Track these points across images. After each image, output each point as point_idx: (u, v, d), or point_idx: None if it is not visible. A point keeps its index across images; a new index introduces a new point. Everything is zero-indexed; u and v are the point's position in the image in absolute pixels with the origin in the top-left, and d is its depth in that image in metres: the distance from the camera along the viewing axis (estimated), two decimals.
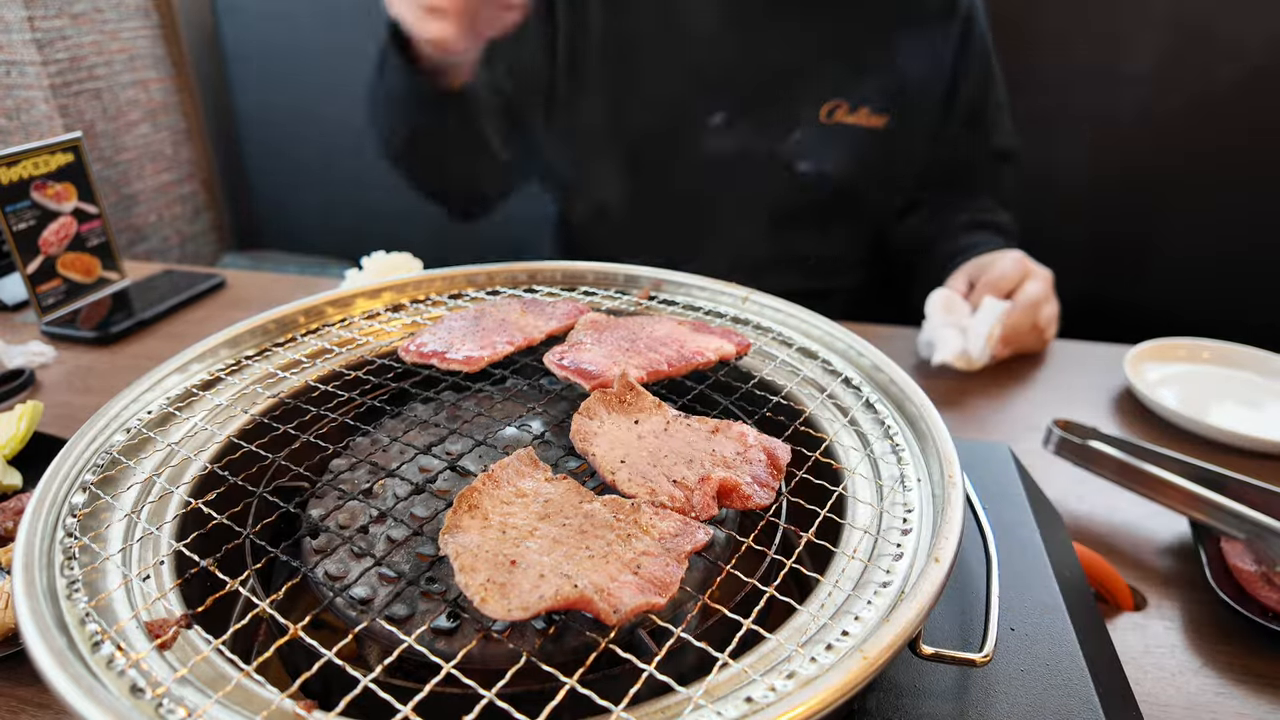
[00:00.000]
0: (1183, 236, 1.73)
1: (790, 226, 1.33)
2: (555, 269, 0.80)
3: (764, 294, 0.74)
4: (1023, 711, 0.44)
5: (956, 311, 1.08)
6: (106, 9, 2.18)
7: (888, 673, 0.46)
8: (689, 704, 0.35)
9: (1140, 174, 1.71)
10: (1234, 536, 0.68)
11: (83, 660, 0.36)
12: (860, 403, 0.59)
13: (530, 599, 0.37)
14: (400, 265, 1.07)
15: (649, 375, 0.58)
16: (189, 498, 0.50)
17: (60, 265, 1.23)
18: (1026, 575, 0.55)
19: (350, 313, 0.74)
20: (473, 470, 0.52)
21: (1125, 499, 0.82)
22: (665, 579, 0.40)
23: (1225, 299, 1.74)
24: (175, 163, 2.48)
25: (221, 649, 0.38)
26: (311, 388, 0.63)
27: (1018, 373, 1.08)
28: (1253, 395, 1.00)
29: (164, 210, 2.46)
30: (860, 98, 1.27)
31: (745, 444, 0.51)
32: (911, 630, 0.37)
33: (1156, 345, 1.08)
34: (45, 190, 1.20)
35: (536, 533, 0.42)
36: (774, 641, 0.39)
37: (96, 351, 1.14)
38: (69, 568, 0.43)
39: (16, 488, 0.76)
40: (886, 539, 0.46)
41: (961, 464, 0.49)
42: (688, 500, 0.46)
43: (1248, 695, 0.59)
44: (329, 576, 0.46)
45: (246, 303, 1.32)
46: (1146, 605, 0.68)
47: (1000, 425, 0.96)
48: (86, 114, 2.16)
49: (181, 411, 0.58)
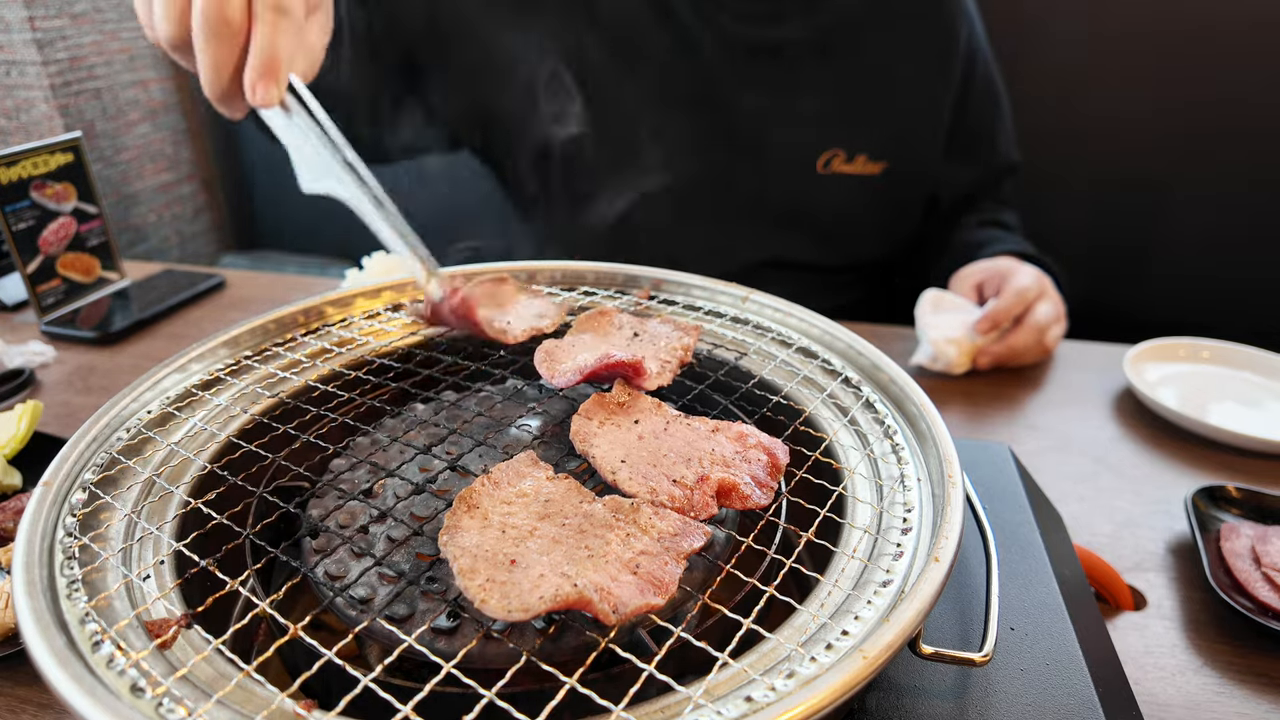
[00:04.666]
0: (1183, 236, 1.73)
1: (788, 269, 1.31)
2: (555, 269, 0.80)
3: (764, 294, 0.74)
4: (1023, 711, 0.45)
5: (944, 310, 1.07)
6: (106, 9, 2.18)
7: (888, 672, 0.46)
8: (689, 704, 0.35)
9: (1140, 174, 1.71)
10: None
11: (83, 660, 0.36)
12: (860, 402, 0.59)
13: (530, 599, 0.37)
14: (400, 265, 1.07)
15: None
16: (189, 498, 0.50)
17: (60, 265, 1.23)
18: (1026, 575, 0.56)
19: (350, 313, 0.74)
20: (473, 470, 0.52)
21: (1125, 499, 0.82)
22: (664, 579, 0.40)
23: (1225, 299, 1.74)
24: (175, 163, 2.48)
25: (221, 649, 0.38)
26: (311, 388, 0.63)
27: (1018, 373, 1.08)
28: (1253, 395, 1.00)
29: (164, 210, 2.46)
30: (857, 146, 1.25)
31: (745, 444, 0.51)
32: (911, 630, 0.37)
33: (1156, 345, 1.08)
34: (45, 190, 1.20)
35: (536, 533, 0.42)
36: (774, 641, 0.39)
37: (96, 351, 1.14)
38: (69, 568, 0.42)
39: (16, 488, 0.76)
40: (886, 538, 0.46)
41: (961, 464, 0.49)
42: (687, 500, 0.46)
43: (1248, 695, 0.59)
44: (329, 576, 0.46)
45: (246, 303, 1.32)
46: (1146, 605, 0.68)
47: (1000, 425, 0.96)
48: (86, 114, 2.16)
49: (181, 411, 0.58)
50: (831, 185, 1.26)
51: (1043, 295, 1.07)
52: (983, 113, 1.31)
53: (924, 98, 1.26)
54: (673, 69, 1.21)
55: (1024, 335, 1.04)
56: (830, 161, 1.25)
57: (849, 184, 1.26)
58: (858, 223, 1.30)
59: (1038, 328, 1.05)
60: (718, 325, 0.72)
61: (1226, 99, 1.60)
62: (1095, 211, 1.76)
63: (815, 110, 1.23)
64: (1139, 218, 1.75)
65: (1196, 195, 1.69)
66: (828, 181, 1.26)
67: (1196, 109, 1.63)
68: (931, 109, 1.27)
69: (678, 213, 1.25)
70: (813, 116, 1.23)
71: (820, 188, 1.26)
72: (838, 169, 1.25)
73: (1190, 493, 0.75)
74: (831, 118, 1.24)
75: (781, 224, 1.29)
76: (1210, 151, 1.65)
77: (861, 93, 1.24)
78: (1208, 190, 1.68)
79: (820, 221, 1.29)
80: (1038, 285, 1.07)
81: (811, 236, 1.30)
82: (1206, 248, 1.72)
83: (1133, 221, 1.75)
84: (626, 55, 1.21)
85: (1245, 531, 0.71)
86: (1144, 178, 1.71)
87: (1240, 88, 1.59)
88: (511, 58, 1.21)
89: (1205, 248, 1.72)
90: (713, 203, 1.27)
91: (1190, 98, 1.62)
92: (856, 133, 1.24)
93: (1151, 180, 1.71)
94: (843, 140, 1.24)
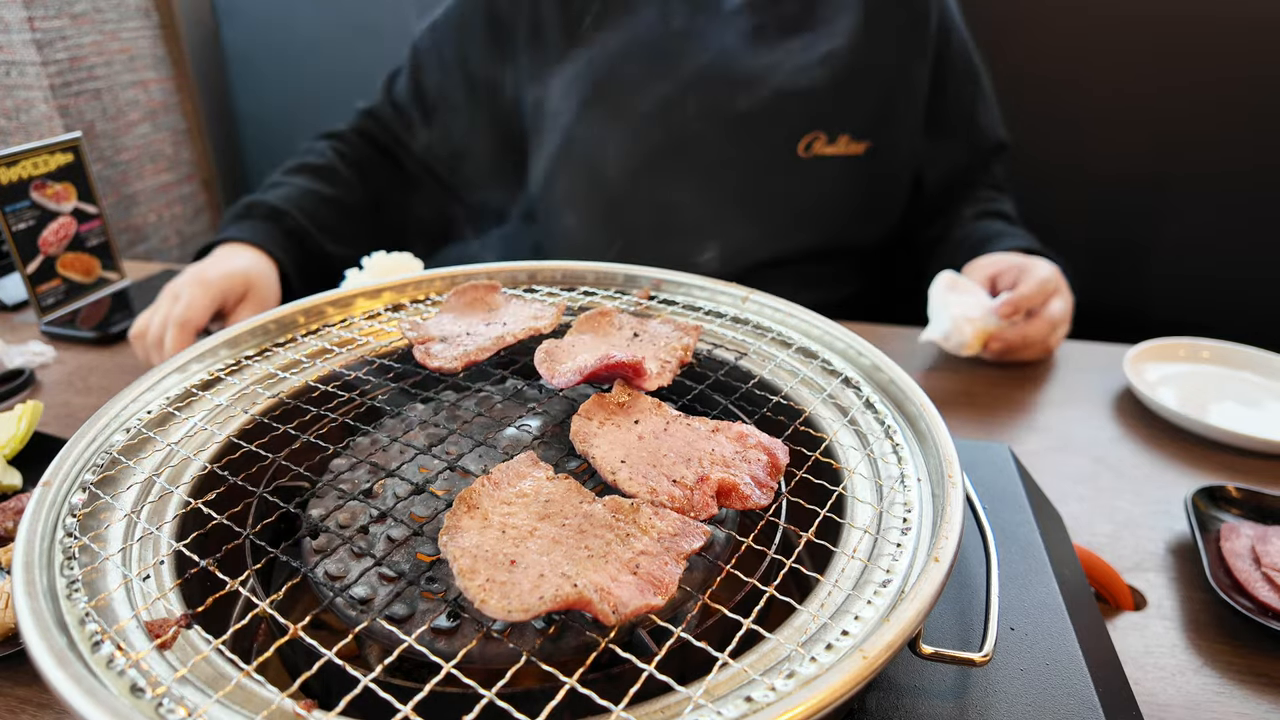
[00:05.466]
0: (1183, 236, 1.73)
1: (781, 264, 1.31)
2: (555, 269, 0.80)
3: (764, 294, 0.74)
4: (1023, 711, 0.45)
5: (960, 292, 1.07)
6: (106, 9, 2.18)
7: (887, 672, 0.46)
8: (689, 704, 0.35)
9: (1140, 174, 1.71)
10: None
11: (83, 660, 0.36)
12: (860, 402, 0.59)
13: (530, 600, 0.37)
14: (400, 265, 1.07)
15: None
16: (189, 498, 0.50)
17: (60, 265, 1.23)
18: (1026, 575, 0.56)
19: (350, 313, 0.74)
20: (473, 470, 0.52)
21: (1125, 499, 0.82)
22: (664, 578, 0.40)
23: (1225, 299, 1.74)
24: (175, 163, 2.48)
25: (221, 649, 0.38)
26: (311, 388, 0.62)
27: (1018, 373, 1.08)
28: (1253, 395, 1.00)
29: (164, 210, 2.46)
30: (839, 126, 1.24)
31: (744, 444, 0.51)
32: (911, 630, 0.37)
33: (1156, 345, 1.08)
34: (45, 190, 1.20)
35: (536, 533, 0.42)
36: (774, 641, 0.39)
37: (96, 351, 1.14)
38: (69, 568, 0.43)
39: (16, 488, 0.76)
40: (886, 538, 0.46)
41: (961, 464, 0.49)
42: (687, 500, 0.46)
43: (1248, 695, 0.59)
44: (329, 576, 0.46)
45: None
46: (1146, 605, 0.68)
47: (1000, 425, 0.96)
48: (86, 114, 2.16)
49: (181, 411, 0.58)
50: (815, 169, 1.25)
51: (1059, 290, 1.08)
52: (961, 90, 1.31)
53: (900, 73, 1.26)
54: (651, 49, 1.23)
55: (1038, 326, 1.05)
56: (811, 145, 1.24)
57: (833, 166, 1.26)
58: (844, 206, 1.30)
59: (1051, 321, 1.05)
60: (718, 325, 0.72)
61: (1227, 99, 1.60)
62: (1095, 210, 1.76)
63: (795, 92, 1.22)
64: (1139, 218, 1.74)
65: (1197, 194, 1.69)
66: (810, 165, 1.25)
67: (1197, 109, 1.63)
68: (908, 85, 1.27)
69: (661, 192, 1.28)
70: (792, 98, 1.23)
71: (803, 172, 1.26)
72: (820, 151, 1.25)
73: (1190, 493, 0.75)
74: (811, 99, 1.23)
75: (766, 211, 1.29)
76: (1211, 152, 1.65)
77: (838, 72, 1.23)
78: (1208, 189, 1.67)
79: (806, 207, 1.29)
80: (1056, 279, 1.08)
81: (797, 223, 1.29)
82: (1206, 247, 1.72)
83: (1132, 221, 1.75)
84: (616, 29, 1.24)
85: (1245, 531, 0.71)
86: (1144, 178, 1.71)
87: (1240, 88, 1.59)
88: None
89: (1205, 247, 1.72)
90: (695, 189, 1.28)
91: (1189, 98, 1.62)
92: (836, 113, 1.24)
93: (1151, 180, 1.71)
94: (823, 121, 1.24)
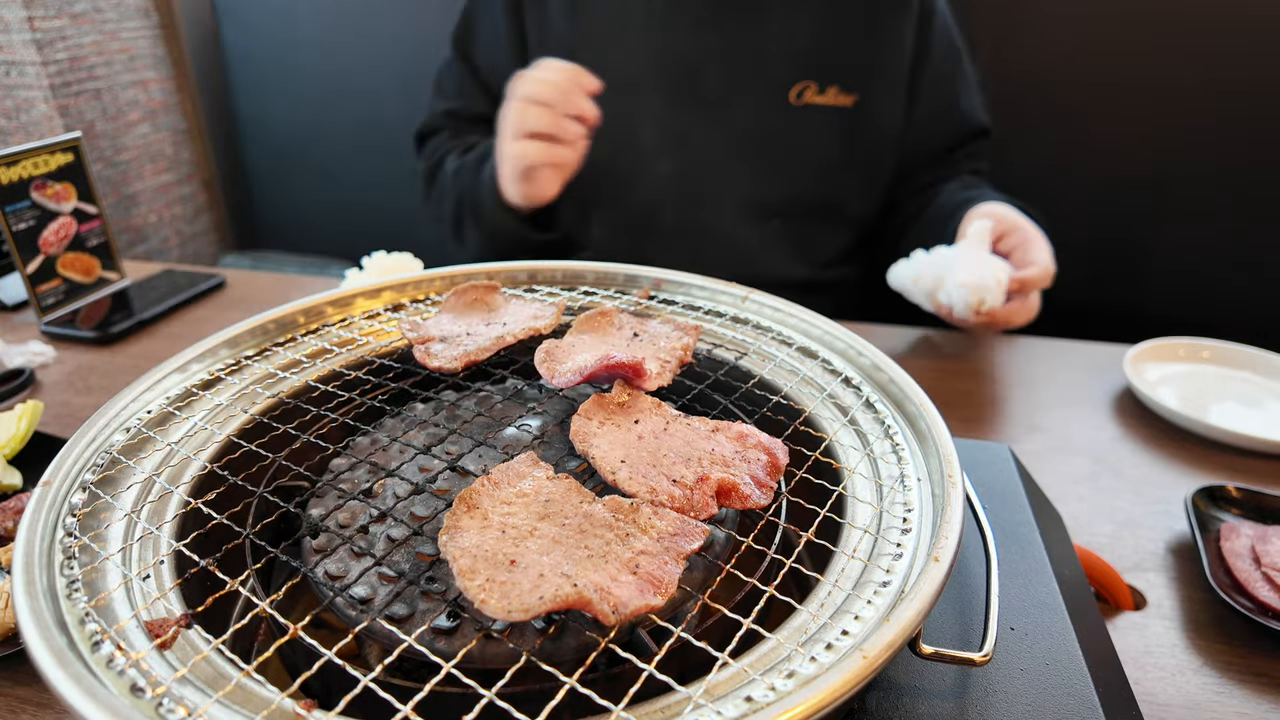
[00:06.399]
0: (1183, 236, 1.73)
1: (773, 218, 1.32)
2: (555, 269, 0.80)
3: (763, 293, 0.74)
4: (1023, 711, 0.44)
5: (966, 253, 1.06)
6: (106, 9, 2.18)
7: (887, 672, 0.46)
8: (689, 703, 0.35)
9: (1140, 174, 1.71)
10: None
11: (83, 660, 0.36)
12: (860, 402, 0.59)
13: (530, 600, 0.37)
14: (400, 265, 1.07)
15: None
16: (189, 497, 0.50)
17: (60, 265, 1.23)
18: (1026, 575, 0.56)
19: (350, 313, 0.74)
20: (473, 470, 0.52)
21: (1125, 499, 0.82)
22: (664, 578, 0.40)
23: (1225, 299, 1.74)
24: (175, 163, 2.48)
25: (221, 649, 0.38)
26: (311, 387, 0.63)
27: (1018, 373, 1.08)
28: (1253, 395, 1.00)
29: (164, 210, 2.46)
30: (828, 77, 1.27)
31: (744, 444, 0.51)
32: (911, 630, 0.37)
33: (1156, 345, 1.08)
34: (45, 190, 1.20)
35: (536, 532, 0.42)
36: (774, 641, 0.39)
37: (96, 351, 1.14)
38: (69, 568, 0.43)
39: (16, 488, 0.76)
40: (886, 538, 0.46)
41: (961, 464, 0.49)
42: (687, 500, 0.46)
43: (1248, 695, 0.59)
44: (329, 576, 0.46)
45: (246, 303, 1.32)
46: (1146, 605, 0.68)
47: (1000, 425, 0.96)
48: (86, 114, 2.16)
49: (181, 411, 0.58)
50: (805, 117, 1.28)
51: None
52: (944, 64, 1.32)
53: (886, 31, 1.28)
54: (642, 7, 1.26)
55: (1030, 308, 1.07)
56: (803, 93, 1.27)
57: (822, 115, 1.28)
58: (834, 157, 1.31)
59: (1048, 273, 1.07)
60: (718, 325, 0.72)
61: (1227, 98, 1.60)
62: (1095, 210, 1.76)
63: (786, 40, 1.25)
64: (1139, 218, 1.74)
65: (1197, 194, 1.69)
66: (801, 113, 1.28)
67: (1197, 109, 1.63)
68: (895, 42, 1.28)
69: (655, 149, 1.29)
70: (784, 46, 1.26)
71: (794, 119, 1.28)
72: (810, 100, 1.28)
73: (1190, 493, 0.75)
74: (802, 48, 1.26)
75: (758, 160, 1.30)
76: (1211, 152, 1.65)
77: (829, 23, 1.26)
78: (1208, 189, 1.68)
79: (797, 155, 1.31)
80: (1052, 265, 1.09)
81: (789, 169, 1.31)
82: (1206, 247, 1.72)
83: (1132, 222, 1.75)
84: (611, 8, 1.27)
85: (1245, 531, 0.71)
86: (1144, 179, 1.71)
87: (1240, 88, 1.59)
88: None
89: (1205, 247, 1.72)
90: (688, 138, 1.29)
91: (1189, 98, 1.62)
92: (827, 63, 1.27)
93: (1151, 181, 1.71)
94: (814, 71, 1.26)
